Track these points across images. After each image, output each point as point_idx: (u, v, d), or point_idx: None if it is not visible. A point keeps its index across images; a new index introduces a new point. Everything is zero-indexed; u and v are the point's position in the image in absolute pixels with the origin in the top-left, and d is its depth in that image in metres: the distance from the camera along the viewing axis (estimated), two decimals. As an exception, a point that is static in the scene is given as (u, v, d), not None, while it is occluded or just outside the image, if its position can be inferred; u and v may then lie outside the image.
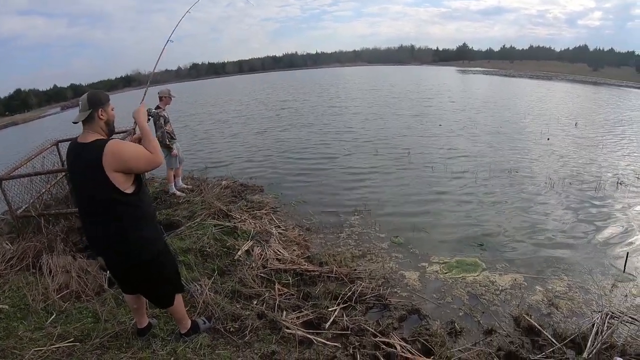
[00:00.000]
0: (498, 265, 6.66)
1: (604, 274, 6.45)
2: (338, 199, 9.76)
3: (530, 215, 8.74)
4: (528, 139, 16.75)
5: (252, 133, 18.78)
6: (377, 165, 12.80)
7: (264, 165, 13.00)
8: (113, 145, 3.02)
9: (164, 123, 8.35)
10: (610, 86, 56.46)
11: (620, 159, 13.79)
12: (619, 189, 10.43)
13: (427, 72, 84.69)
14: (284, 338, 4.37)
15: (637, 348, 4.55)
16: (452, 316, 5.30)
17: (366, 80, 58.17)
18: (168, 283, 3.72)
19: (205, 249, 6.11)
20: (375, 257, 6.87)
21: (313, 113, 24.45)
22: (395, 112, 23.89)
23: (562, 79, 67.06)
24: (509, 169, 12.16)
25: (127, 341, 4.06)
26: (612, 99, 36.37)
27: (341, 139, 16.79)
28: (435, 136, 17.23)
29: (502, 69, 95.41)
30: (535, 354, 4.55)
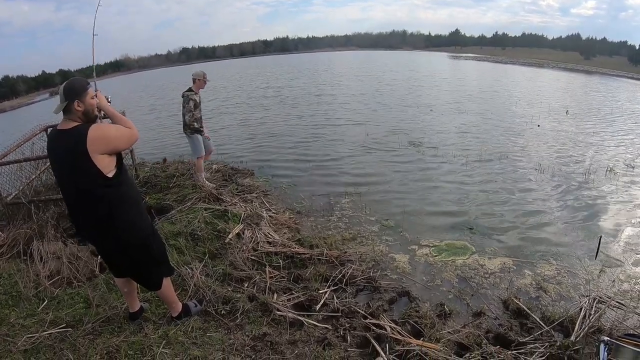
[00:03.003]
0: (487, 249, 6.72)
1: (592, 259, 6.53)
2: (329, 183, 9.76)
3: (520, 200, 8.81)
4: (519, 125, 16.82)
5: (243, 118, 18.68)
6: (368, 149, 12.82)
7: (254, 149, 12.95)
8: (96, 129, 3.00)
9: (193, 107, 7.98)
10: (602, 75, 56.70)
11: (610, 146, 13.90)
12: (608, 176, 10.52)
13: (418, 57, 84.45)
14: (275, 320, 4.40)
15: (624, 332, 4.63)
16: (442, 298, 5.37)
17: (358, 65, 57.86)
18: (156, 266, 3.73)
19: (196, 232, 6.11)
20: (365, 240, 6.91)
21: (304, 98, 24.33)
22: (387, 97, 23.89)
23: (553, 67, 67.23)
24: (499, 154, 12.23)
25: (119, 325, 4.07)
26: (604, 88, 36.54)
27: (332, 123, 16.78)
28: (426, 121, 17.26)
29: (494, 56, 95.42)
30: (523, 337, 4.61)
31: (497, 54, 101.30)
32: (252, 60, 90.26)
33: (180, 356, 3.64)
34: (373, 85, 30.40)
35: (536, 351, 4.29)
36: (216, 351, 3.75)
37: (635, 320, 5.00)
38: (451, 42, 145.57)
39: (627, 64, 77.70)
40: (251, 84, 34.46)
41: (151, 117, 19.88)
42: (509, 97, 25.43)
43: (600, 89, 35.70)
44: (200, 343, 3.85)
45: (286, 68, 55.72)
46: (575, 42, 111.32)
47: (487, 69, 57.27)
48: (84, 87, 3.10)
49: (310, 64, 63.45)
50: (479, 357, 4.03)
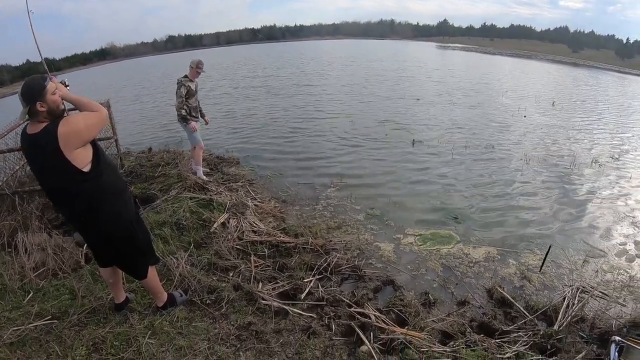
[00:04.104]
0: (472, 239, 6.78)
1: (575, 250, 6.62)
2: (314, 172, 9.77)
3: (505, 191, 8.88)
4: (505, 116, 16.93)
5: (228, 107, 18.54)
6: (354, 138, 12.83)
7: (240, 139, 12.92)
8: (65, 125, 2.93)
9: (184, 93, 7.72)
10: (590, 68, 57.22)
11: (595, 138, 14.06)
12: (593, 168, 10.64)
13: (406, 47, 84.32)
14: (260, 309, 4.41)
15: (607, 321, 4.69)
16: (426, 287, 5.41)
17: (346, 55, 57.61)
18: (141, 255, 3.72)
19: (181, 222, 6.09)
20: (350, 229, 6.94)
21: (291, 88, 24.13)
22: (374, 88, 23.84)
23: (541, 59, 67.64)
24: (485, 144, 12.30)
25: (105, 316, 4.06)
26: (591, 81, 36.86)
27: (318, 113, 16.73)
28: (413, 111, 17.29)
29: (482, 46, 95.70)
30: (507, 325, 4.66)
31: (485, 45, 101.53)
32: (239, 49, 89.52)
33: (165, 346, 3.64)
34: (361, 76, 30.29)
35: (520, 340, 4.33)
36: (202, 341, 3.76)
37: (617, 310, 5.07)
38: (439, 32, 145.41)
39: (615, 57, 78.40)
40: (237, 73, 34.19)
41: (136, 108, 19.65)
42: (496, 88, 25.51)
43: (587, 81, 36.03)
44: (185, 333, 3.86)
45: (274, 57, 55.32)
46: (564, 35, 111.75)
47: (475, 60, 57.39)
48: (41, 86, 2.97)
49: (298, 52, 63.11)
50: (463, 345, 4.06)
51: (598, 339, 4.47)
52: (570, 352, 4.17)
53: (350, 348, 3.99)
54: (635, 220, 7.76)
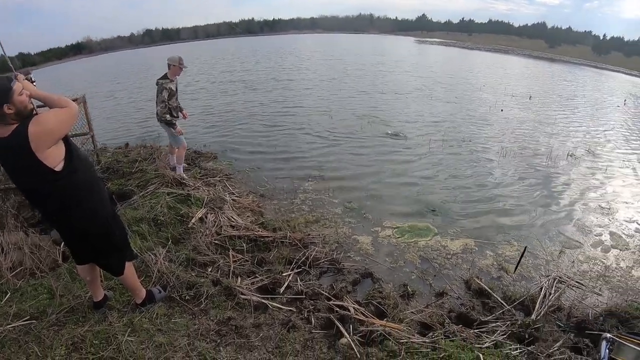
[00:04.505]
0: (450, 230, 6.85)
1: (552, 241, 6.74)
2: (292, 166, 9.76)
3: (482, 183, 8.98)
4: (482, 110, 17.08)
5: (206, 102, 18.35)
6: (331, 132, 12.83)
7: (218, 133, 12.83)
8: (35, 125, 2.85)
9: (167, 97, 7.40)
10: (566, 63, 58.04)
11: (571, 132, 14.28)
12: (569, 161, 10.82)
13: (385, 41, 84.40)
14: (239, 304, 4.41)
15: (584, 311, 4.80)
16: (405, 279, 5.46)
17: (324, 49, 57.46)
18: (118, 251, 3.69)
19: (159, 217, 6.03)
20: (328, 222, 6.96)
21: (270, 82, 24.02)
22: (353, 82, 23.81)
23: (519, 54, 68.41)
24: (462, 138, 12.43)
25: (84, 315, 4.02)
26: (567, 76, 37.39)
27: (297, 108, 16.66)
28: (391, 105, 17.35)
29: (460, 41, 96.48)
30: (485, 316, 4.73)
31: (463, 40, 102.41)
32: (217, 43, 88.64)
33: (145, 343, 3.62)
34: (339, 70, 30.26)
35: (498, 330, 4.40)
36: (181, 337, 3.75)
37: (593, 299, 5.19)
38: (418, 26, 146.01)
39: (591, 53, 79.79)
40: (215, 67, 33.86)
41: (111, 104, 19.31)
42: (473, 83, 25.71)
43: (564, 76, 36.55)
44: (165, 329, 3.84)
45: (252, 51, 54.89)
46: (541, 31, 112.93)
47: (453, 55, 57.80)
48: (7, 88, 2.85)
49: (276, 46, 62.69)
50: (442, 336, 4.10)
51: (575, 328, 4.57)
52: (547, 340, 4.24)
53: (330, 341, 4.02)
54: (611, 212, 7.91)
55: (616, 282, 5.74)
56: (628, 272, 6.02)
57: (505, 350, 3.96)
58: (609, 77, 43.14)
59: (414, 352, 3.77)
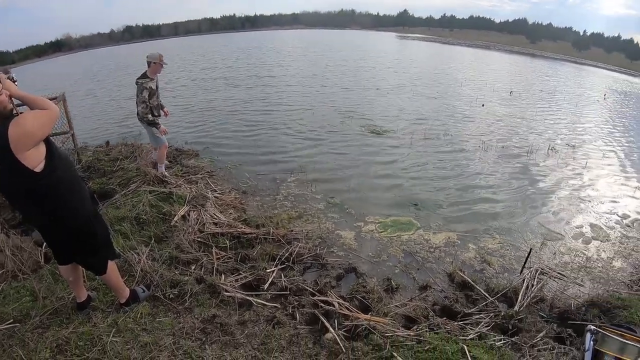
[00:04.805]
0: (432, 224, 6.90)
1: (533, 233, 6.84)
2: (274, 162, 9.75)
3: (464, 177, 9.07)
4: (463, 105, 17.22)
5: (187, 99, 18.18)
6: (313, 128, 12.84)
7: (200, 130, 12.74)
8: (15, 127, 2.79)
9: (148, 97, 7.24)
10: (547, 59, 58.69)
11: (552, 126, 14.46)
12: (550, 155, 10.96)
13: (367, 37, 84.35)
14: (224, 301, 4.41)
15: (566, 301, 4.88)
16: (389, 273, 5.50)
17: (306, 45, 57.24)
18: (100, 249, 3.65)
19: (141, 216, 5.98)
20: (311, 218, 6.98)
21: (251, 78, 23.87)
22: (334, 79, 23.82)
23: (500, 49, 68.96)
24: (444, 132, 12.54)
25: (68, 316, 3.97)
26: (548, 71, 37.84)
27: (279, 104, 16.59)
28: (373, 102, 17.37)
29: (441, 37, 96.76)
30: (469, 308, 4.79)
31: (444, 35, 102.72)
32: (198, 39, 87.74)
33: (130, 344, 3.59)
34: (321, 66, 30.22)
35: (482, 321, 4.45)
36: (166, 336, 3.72)
37: (575, 290, 5.28)
38: (399, 22, 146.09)
39: (571, 48, 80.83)
40: (196, 64, 33.53)
41: (91, 102, 19.01)
42: (455, 78, 25.88)
43: (544, 71, 37.01)
44: (150, 329, 3.81)
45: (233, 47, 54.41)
46: (522, 27, 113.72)
47: (435, 50, 58.02)
48: None
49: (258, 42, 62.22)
50: (426, 329, 4.15)
51: (557, 318, 4.64)
52: (531, 331, 4.31)
53: (315, 336, 4.03)
54: (591, 205, 8.05)
55: (597, 272, 5.83)
56: (609, 262, 6.13)
57: (490, 342, 4.01)
58: (590, 73, 43.79)
59: (399, 346, 3.79)
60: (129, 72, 27.11)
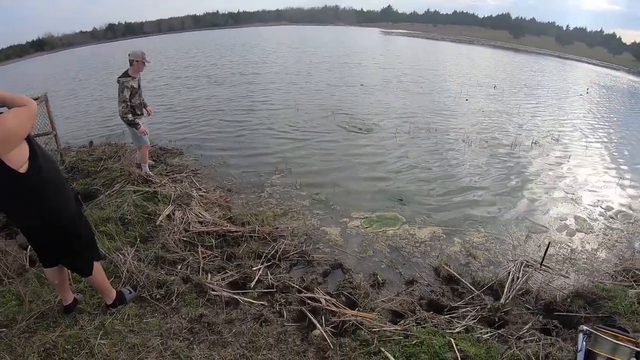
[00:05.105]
0: (417, 219, 6.95)
1: (518, 226, 6.91)
2: (259, 159, 9.73)
3: (448, 172, 9.13)
4: (448, 99, 17.32)
5: (171, 98, 18.05)
6: (298, 125, 12.83)
7: (183, 129, 12.65)
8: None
9: (129, 96, 7.15)
10: (530, 53, 59.19)
11: (536, 120, 14.61)
12: (534, 148, 11.07)
13: (351, 33, 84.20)
14: (211, 300, 4.40)
15: (551, 293, 4.93)
16: (375, 269, 5.52)
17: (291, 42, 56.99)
18: (85, 250, 3.62)
19: (126, 216, 5.95)
20: (297, 215, 6.99)
21: (235, 76, 23.77)
22: (320, 75, 23.84)
23: (483, 44, 69.36)
24: (428, 127, 12.58)
25: (54, 320, 3.94)
26: (531, 65, 38.17)
27: (263, 102, 16.52)
28: (358, 98, 17.35)
29: (425, 32, 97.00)
30: (455, 302, 4.83)
31: (428, 31, 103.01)
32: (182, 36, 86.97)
33: (118, 346, 3.58)
34: (306, 63, 30.17)
35: (468, 314, 4.49)
36: (154, 337, 3.71)
37: (560, 282, 5.34)
38: (383, 18, 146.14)
39: (555, 43, 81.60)
40: (179, 62, 33.22)
41: (73, 103, 18.72)
42: (439, 73, 26.01)
43: (528, 66, 37.28)
44: (137, 330, 3.80)
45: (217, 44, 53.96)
46: (505, 22, 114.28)
47: (419, 45, 58.19)
48: None
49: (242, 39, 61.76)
50: (413, 323, 4.17)
51: (543, 310, 4.69)
52: (517, 323, 4.35)
53: (303, 333, 4.04)
54: (575, 197, 8.14)
55: (582, 264, 5.91)
56: (593, 254, 6.20)
57: (476, 335, 4.03)
58: (573, 67, 44.25)
59: (386, 341, 3.80)
60: (112, 70, 26.81)
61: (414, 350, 3.65)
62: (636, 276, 5.53)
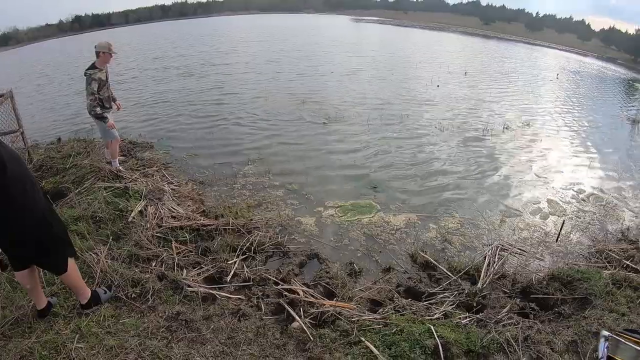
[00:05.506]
0: (392, 206, 6.98)
1: (492, 210, 7.00)
2: (230, 150, 9.68)
3: (421, 158, 9.20)
4: (419, 86, 17.44)
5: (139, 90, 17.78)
6: (270, 115, 12.75)
7: (153, 122, 12.49)
8: None
9: (97, 88, 6.93)
10: (501, 40, 59.83)
11: (506, 106, 14.82)
12: (505, 133, 11.23)
13: (321, 21, 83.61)
14: (187, 297, 4.34)
15: (527, 276, 5.01)
16: (351, 257, 5.54)
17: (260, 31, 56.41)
18: (59, 246, 3.55)
19: (98, 214, 5.82)
20: (271, 206, 6.97)
21: (205, 67, 23.55)
22: (290, 64, 23.72)
23: (454, 31, 69.79)
24: (400, 114, 12.68)
25: (29, 325, 3.82)
26: (502, 52, 38.62)
27: (233, 93, 16.42)
28: (329, 86, 17.39)
29: (396, 19, 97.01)
30: (433, 288, 4.87)
31: (399, 17, 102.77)
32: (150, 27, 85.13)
33: (96, 348, 3.50)
34: (277, 51, 30.06)
35: (446, 300, 4.54)
36: (131, 337, 3.65)
37: (536, 264, 5.44)
38: (353, 4, 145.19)
39: (525, 29, 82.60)
40: (148, 54, 32.55)
41: (40, 99, 18.23)
42: (410, 60, 26.14)
43: (498, 52, 37.76)
44: (114, 331, 3.72)
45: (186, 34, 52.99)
46: (475, 8, 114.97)
47: (390, 33, 58.25)
48: None
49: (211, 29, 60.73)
50: (392, 310, 4.19)
51: (520, 293, 4.76)
52: (495, 307, 4.41)
53: (282, 326, 4.02)
54: (547, 181, 8.28)
55: (556, 247, 6.01)
56: (567, 236, 6.31)
57: (455, 320, 4.08)
58: (543, 53, 44.94)
59: (366, 330, 3.82)
60: (78, 64, 26.16)
61: (394, 338, 3.66)
62: (609, 257, 5.66)
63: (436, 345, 3.57)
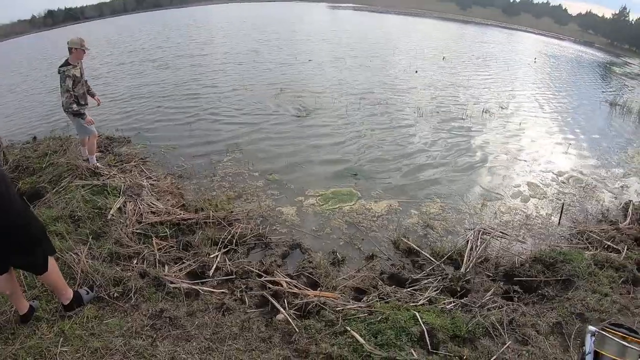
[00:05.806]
0: (373, 193, 7.00)
1: (473, 195, 7.07)
2: (209, 142, 9.61)
3: (401, 144, 9.24)
4: (397, 72, 17.50)
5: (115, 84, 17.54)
6: (248, 105, 12.70)
7: (130, 116, 12.33)
8: None
9: (72, 85, 6.82)
10: (478, 25, 60.35)
11: (484, 90, 14.93)
12: (484, 117, 11.32)
13: (297, 9, 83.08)
14: (170, 293, 4.30)
15: (510, 259, 5.07)
16: (333, 246, 5.55)
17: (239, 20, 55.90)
18: (38, 244, 3.49)
19: (76, 213, 5.73)
20: (251, 197, 6.94)
21: (182, 58, 23.26)
22: (269, 54, 23.54)
23: (431, 16, 70.05)
24: (378, 100, 12.75)
25: (12, 332, 3.75)
26: (480, 37, 38.95)
27: (211, 85, 16.25)
28: (304, 73, 17.44)
29: (372, 5, 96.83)
30: (417, 273, 4.89)
31: (376, 4, 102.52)
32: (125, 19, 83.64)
33: (80, 351, 3.45)
34: (255, 41, 29.91)
35: (430, 286, 4.55)
36: (116, 338, 3.60)
37: (518, 247, 5.49)
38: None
39: (501, 14, 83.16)
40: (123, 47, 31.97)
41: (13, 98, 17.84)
42: (388, 46, 26.17)
43: (476, 37, 38.15)
44: (98, 333, 3.67)
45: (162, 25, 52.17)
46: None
47: (366, 20, 58.26)
48: None
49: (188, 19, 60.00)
50: (377, 298, 4.20)
51: (504, 277, 4.80)
52: (479, 291, 4.45)
53: (266, 318, 4.01)
54: (527, 164, 8.37)
55: (538, 229, 6.09)
56: (548, 219, 6.40)
57: (440, 305, 4.10)
58: (521, 37, 45.51)
59: (351, 319, 3.82)
60: (52, 61, 25.64)
61: (380, 326, 3.67)
62: (590, 238, 5.73)
63: (422, 332, 3.59)
